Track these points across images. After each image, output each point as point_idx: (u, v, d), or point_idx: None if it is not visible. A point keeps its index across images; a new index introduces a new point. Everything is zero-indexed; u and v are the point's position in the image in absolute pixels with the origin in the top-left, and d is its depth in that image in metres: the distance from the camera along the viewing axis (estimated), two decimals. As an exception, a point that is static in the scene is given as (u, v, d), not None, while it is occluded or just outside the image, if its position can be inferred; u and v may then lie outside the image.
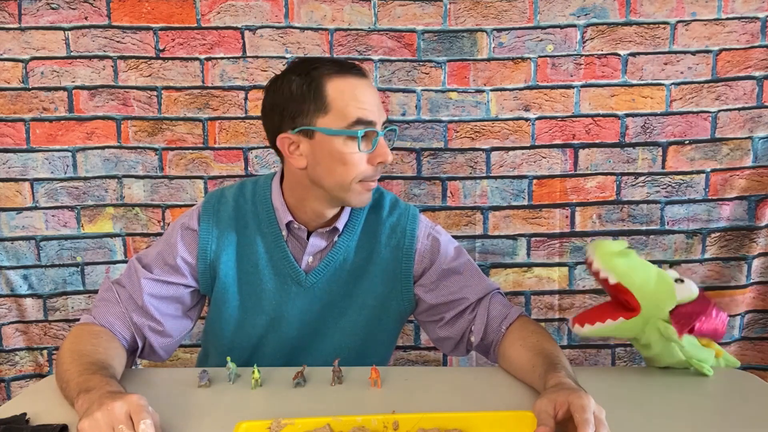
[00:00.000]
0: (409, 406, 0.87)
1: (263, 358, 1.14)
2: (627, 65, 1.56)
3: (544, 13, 1.55)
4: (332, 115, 1.01)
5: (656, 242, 1.62)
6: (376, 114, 1.03)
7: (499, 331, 1.08)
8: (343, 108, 1.01)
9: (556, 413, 0.77)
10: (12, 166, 1.58)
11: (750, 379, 1.06)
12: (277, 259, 1.11)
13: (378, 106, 1.04)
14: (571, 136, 1.59)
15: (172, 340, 1.11)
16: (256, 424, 0.79)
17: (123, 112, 1.58)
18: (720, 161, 1.59)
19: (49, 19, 1.53)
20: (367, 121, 1.01)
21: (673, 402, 0.95)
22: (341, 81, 1.02)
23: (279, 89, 1.04)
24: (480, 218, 1.63)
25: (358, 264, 1.13)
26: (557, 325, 1.67)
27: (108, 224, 1.62)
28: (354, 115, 1.00)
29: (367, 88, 1.04)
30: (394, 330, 1.21)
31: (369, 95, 1.03)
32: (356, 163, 1.02)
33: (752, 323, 1.66)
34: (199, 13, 1.55)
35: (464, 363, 1.68)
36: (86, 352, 0.95)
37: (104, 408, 0.75)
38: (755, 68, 1.55)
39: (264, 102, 1.08)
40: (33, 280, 1.62)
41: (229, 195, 1.15)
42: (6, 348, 1.63)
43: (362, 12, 1.55)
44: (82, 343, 0.98)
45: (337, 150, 1.01)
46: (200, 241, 1.10)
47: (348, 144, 1.01)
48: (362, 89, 1.03)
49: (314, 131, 1.02)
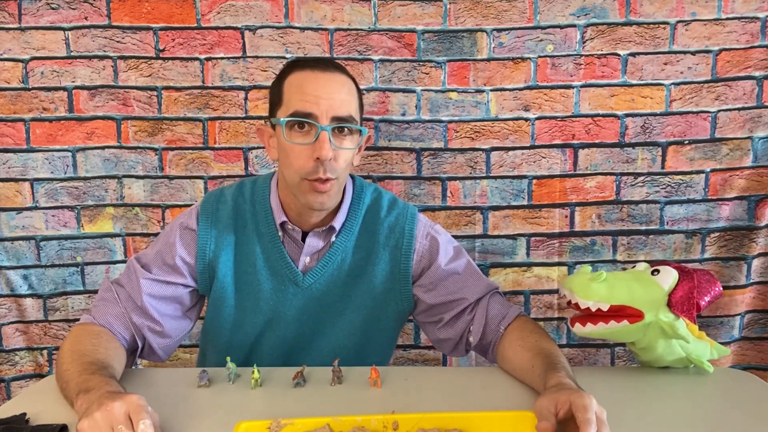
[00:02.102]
0: (409, 406, 0.87)
1: (261, 358, 1.14)
2: (627, 65, 1.56)
3: (544, 13, 1.55)
4: (283, 107, 1.04)
5: (656, 242, 1.62)
6: (320, 107, 1.00)
7: (498, 331, 1.08)
8: (288, 99, 1.03)
9: (557, 412, 0.77)
10: (12, 166, 1.58)
11: (750, 379, 1.06)
12: (274, 259, 1.11)
13: (329, 99, 1.00)
14: (570, 136, 1.59)
15: (171, 341, 1.11)
16: (256, 424, 0.79)
17: (123, 112, 1.58)
18: (720, 161, 1.59)
19: (49, 19, 1.53)
20: (303, 113, 1.00)
21: (672, 402, 0.95)
22: (297, 74, 1.03)
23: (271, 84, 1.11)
24: (480, 218, 1.63)
25: (357, 264, 1.12)
26: (556, 325, 1.67)
27: (108, 224, 1.62)
28: (293, 106, 1.01)
29: (318, 80, 1.01)
30: (393, 330, 1.21)
31: (317, 87, 1.01)
32: (295, 155, 1.02)
33: (752, 323, 1.66)
34: (199, 13, 1.55)
35: (464, 363, 1.68)
36: (86, 352, 0.95)
37: (103, 408, 0.75)
38: (755, 68, 1.55)
39: None
40: (33, 280, 1.62)
41: (228, 195, 1.15)
42: (6, 348, 1.63)
43: (362, 12, 1.55)
44: (82, 343, 0.98)
45: (282, 141, 1.04)
46: (199, 240, 1.10)
47: (289, 135, 1.02)
48: (311, 81, 1.01)
49: (275, 124, 1.05)
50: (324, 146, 0.99)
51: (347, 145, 1.04)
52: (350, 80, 1.06)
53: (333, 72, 1.04)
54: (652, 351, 1.04)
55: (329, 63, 1.06)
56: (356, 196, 1.14)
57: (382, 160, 1.60)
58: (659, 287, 1.01)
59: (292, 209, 1.10)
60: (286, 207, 1.10)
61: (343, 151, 1.03)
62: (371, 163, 1.60)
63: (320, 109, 1.00)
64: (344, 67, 1.09)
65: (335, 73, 1.04)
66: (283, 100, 1.04)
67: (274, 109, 1.07)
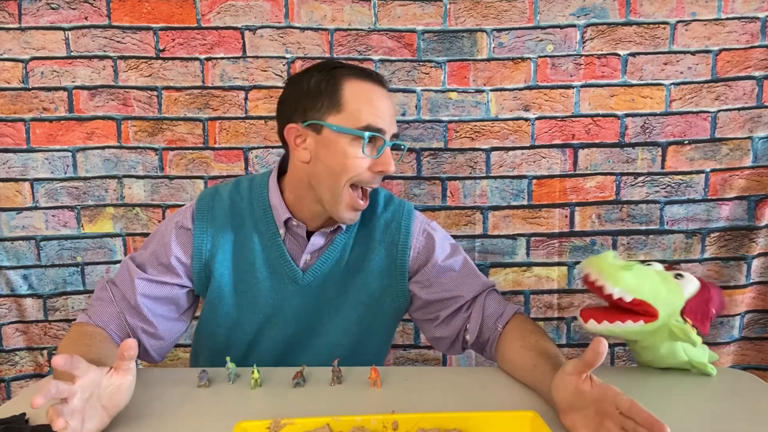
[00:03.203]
0: (408, 406, 0.87)
1: (258, 356, 1.14)
2: (627, 65, 1.56)
3: (544, 13, 1.55)
4: (344, 115, 1.02)
5: (656, 242, 1.62)
6: (388, 123, 1.03)
7: (495, 329, 1.08)
8: (355, 110, 1.01)
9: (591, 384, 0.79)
10: (12, 166, 1.58)
11: (750, 379, 1.06)
12: (273, 257, 1.11)
13: (391, 116, 1.05)
14: (570, 136, 1.59)
15: (165, 343, 1.11)
16: (256, 424, 0.79)
17: (123, 112, 1.58)
18: (719, 161, 1.59)
19: (49, 19, 1.53)
20: (376, 128, 1.02)
21: (672, 402, 0.95)
22: (359, 84, 1.03)
23: (298, 82, 1.06)
24: (480, 218, 1.63)
25: (354, 261, 1.13)
26: (556, 325, 1.67)
27: (108, 224, 1.62)
28: (365, 120, 1.01)
29: (383, 96, 1.05)
30: (389, 327, 1.21)
31: (384, 104, 1.04)
32: (356, 165, 1.03)
33: (752, 323, 1.66)
34: (199, 13, 1.55)
35: (464, 362, 1.68)
36: (81, 353, 0.95)
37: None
38: (755, 68, 1.55)
39: (282, 94, 1.10)
40: (33, 280, 1.62)
41: (224, 193, 1.14)
42: (6, 348, 1.63)
43: (362, 12, 1.55)
44: (77, 344, 0.98)
45: (341, 149, 1.02)
46: (195, 240, 1.09)
47: (353, 145, 1.02)
48: (378, 96, 1.04)
49: (323, 126, 1.03)
50: (391, 161, 1.04)
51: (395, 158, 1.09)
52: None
53: (388, 88, 1.08)
54: (654, 351, 1.04)
55: (382, 78, 1.08)
56: None
57: (382, 160, 1.60)
58: (681, 292, 1.01)
59: (302, 208, 1.10)
60: (293, 205, 1.10)
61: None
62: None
63: (388, 126, 1.04)
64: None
65: (388, 89, 1.08)
66: (344, 107, 1.02)
67: (318, 112, 1.03)
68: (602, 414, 0.78)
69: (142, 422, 0.87)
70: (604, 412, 0.77)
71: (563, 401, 0.82)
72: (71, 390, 0.76)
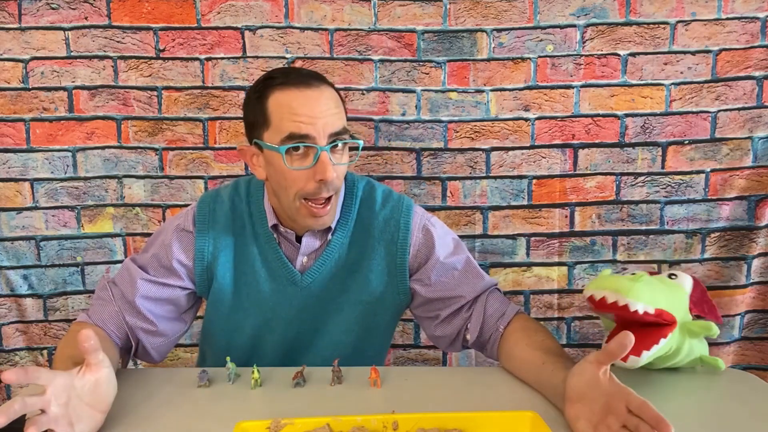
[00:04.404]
0: (409, 406, 0.87)
1: (261, 358, 1.14)
2: (627, 65, 1.56)
3: (544, 13, 1.55)
4: (272, 129, 1.00)
5: (656, 242, 1.62)
6: (316, 127, 0.97)
7: (497, 329, 1.08)
8: (278, 122, 0.98)
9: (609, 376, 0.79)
10: (12, 166, 1.58)
11: (750, 379, 1.06)
12: (271, 260, 1.11)
13: (322, 118, 0.98)
14: (570, 136, 1.59)
15: (165, 342, 1.11)
16: (256, 424, 0.79)
17: (123, 112, 1.58)
18: (720, 161, 1.59)
19: (49, 19, 1.53)
20: (299, 135, 0.97)
21: (672, 402, 0.95)
22: (281, 93, 0.99)
23: (244, 101, 1.06)
24: (480, 218, 1.63)
25: (353, 260, 1.12)
26: (556, 324, 1.67)
27: (108, 224, 1.62)
28: (286, 129, 0.97)
29: (307, 99, 0.98)
30: (389, 325, 1.21)
31: (307, 107, 0.97)
32: (295, 178, 0.99)
33: (752, 323, 1.66)
34: (199, 13, 1.55)
35: (464, 362, 1.69)
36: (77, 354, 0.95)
37: None
38: (755, 68, 1.55)
39: None
40: (33, 280, 1.62)
41: (225, 195, 1.14)
42: (6, 348, 1.64)
43: (362, 12, 1.55)
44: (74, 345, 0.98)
45: (277, 164, 1.00)
46: (197, 243, 1.10)
47: (286, 160, 0.99)
48: (301, 101, 0.98)
49: (261, 145, 1.02)
50: (327, 168, 0.97)
51: (344, 159, 1.03)
52: (332, 89, 1.03)
53: (318, 86, 1.00)
54: (676, 355, 1.01)
55: (310, 76, 1.02)
56: (348, 191, 1.13)
57: (382, 160, 1.60)
58: (683, 291, 1.01)
59: (285, 219, 1.09)
60: (278, 212, 1.09)
61: (342, 166, 1.03)
62: (371, 163, 1.60)
63: (317, 129, 0.97)
64: (323, 76, 1.05)
65: (320, 86, 1.01)
66: (271, 121, 0.99)
67: (257, 130, 1.02)
68: (608, 410, 0.78)
69: (142, 422, 0.87)
70: (611, 408, 0.78)
71: (575, 389, 0.82)
72: (43, 400, 0.74)
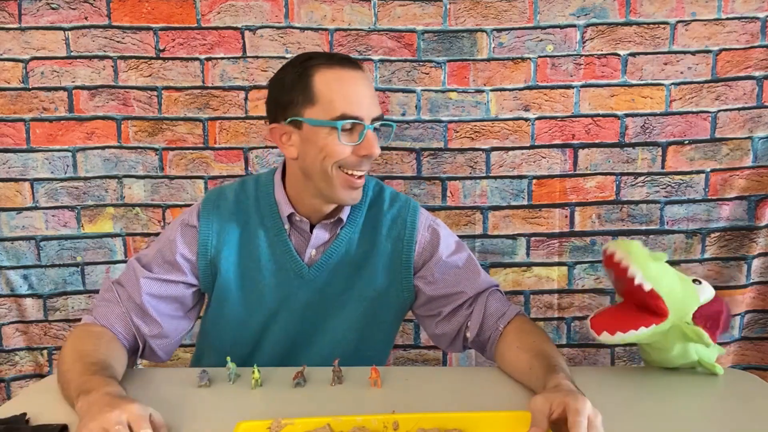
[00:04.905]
0: (409, 406, 0.87)
1: (264, 354, 1.15)
2: (627, 65, 1.56)
3: (544, 13, 1.54)
4: (319, 107, 1.02)
5: (656, 242, 1.62)
6: (365, 108, 1.03)
7: (496, 328, 1.08)
8: (328, 100, 1.02)
9: (551, 413, 0.77)
10: (12, 166, 1.58)
11: (750, 379, 1.06)
12: (279, 253, 1.11)
13: (369, 100, 1.04)
14: (570, 136, 1.59)
15: (171, 341, 1.11)
16: (256, 424, 0.79)
17: (123, 112, 1.58)
18: (720, 161, 1.59)
19: (49, 19, 1.53)
20: (352, 116, 1.01)
21: (672, 402, 0.96)
22: (329, 73, 1.03)
23: (276, 81, 1.07)
24: (480, 218, 1.63)
25: (360, 256, 1.13)
26: (556, 325, 1.67)
27: (108, 224, 1.62)
28: (340, 109, 1.01)
29: (356, 81, 1.04)
30: (392, 324, 1.22)
31: (358, 88, 1.03)
32: (338, 151, 1.03)
33: (752, 323, 1.66)
34: (199, 13, 1.55)
35: (464, 362, 1.68)
36: (87, 353, 0.95)
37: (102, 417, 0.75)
38: (755, 68, 1.55)
39: (267, 96, 1.10)
40: (33, 280, 1.62)
41: (229, 191, 1.15)
42: (6, 348, 1.63)
43: (362, 12, 1.55)
44: (84, 344, 0.98)
45: (321, 140, 1.03)
46: (200, 237, 1.10)
47: (332, 135, 1.02)
48: (350, 82, 1.03)
49: (302, 122, 1.03)
50: (373, 144, 1.03)
51: (381, 141, 1.08)
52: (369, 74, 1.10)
53: (362, 70, 1.06)
54: (666, 352, 1.03)
55: (353, 61, 1.07)
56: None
57: (382, 160, 1.60)
58: (697, 297, 1.01)
59: (303, 203, 1.11)
60: (295, 200, 1.11)
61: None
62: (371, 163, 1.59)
63: (365, 111, 1.02)
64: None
65: (363, 71, 1.07)
66: (317, 98, 1.02)
67: (295, 108, 1.03)
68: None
69: (143, 422, 0.87)
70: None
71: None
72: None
